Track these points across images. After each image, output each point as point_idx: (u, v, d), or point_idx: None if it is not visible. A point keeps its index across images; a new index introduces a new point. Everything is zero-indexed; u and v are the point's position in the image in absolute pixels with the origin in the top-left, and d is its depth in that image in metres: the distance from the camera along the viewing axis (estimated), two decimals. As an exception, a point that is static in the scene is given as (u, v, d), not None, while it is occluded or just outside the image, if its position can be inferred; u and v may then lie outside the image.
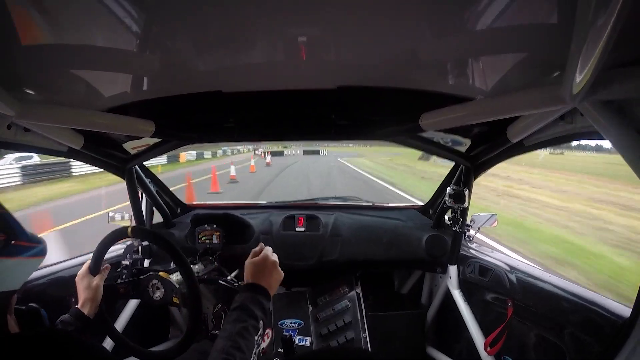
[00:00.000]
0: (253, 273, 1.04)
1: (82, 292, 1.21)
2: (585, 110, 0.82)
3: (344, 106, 1.30)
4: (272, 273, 1.07)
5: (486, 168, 1.74)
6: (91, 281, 1.22)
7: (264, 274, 1.04)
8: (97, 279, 1.24)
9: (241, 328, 0.86)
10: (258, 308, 0.93)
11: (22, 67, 0.89)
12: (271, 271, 1.07)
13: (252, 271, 1.04)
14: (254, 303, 0.93)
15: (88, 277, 1.23)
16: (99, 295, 1.23)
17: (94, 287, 1.22)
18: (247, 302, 0.93)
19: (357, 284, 2.12)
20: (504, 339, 1.58)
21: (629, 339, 0.91)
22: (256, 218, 2.22)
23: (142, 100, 1.18)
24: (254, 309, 0.92)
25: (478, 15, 0.70)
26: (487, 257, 1.85)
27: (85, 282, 1.22)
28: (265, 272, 1.05)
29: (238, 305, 0.92)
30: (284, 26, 0.78)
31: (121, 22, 0.72)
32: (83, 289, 1.21)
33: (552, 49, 0.77)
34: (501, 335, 1.59)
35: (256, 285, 1.00)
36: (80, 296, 1.20)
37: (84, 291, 1.21)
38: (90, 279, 1.22)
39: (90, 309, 1.18)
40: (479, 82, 1.04)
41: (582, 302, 1.28)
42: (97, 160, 1.71)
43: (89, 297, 1.19)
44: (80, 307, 1.17)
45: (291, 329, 1.91)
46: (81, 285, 1.22)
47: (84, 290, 1.21)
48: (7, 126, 1.12)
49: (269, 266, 1.07)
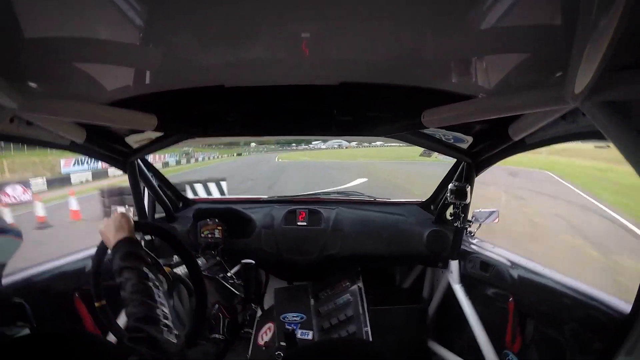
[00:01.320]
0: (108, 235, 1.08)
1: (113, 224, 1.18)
2: (587, 110, 0.81)
3: (346, 102, 1.30)
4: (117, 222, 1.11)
5: (488, 165, 1.74)
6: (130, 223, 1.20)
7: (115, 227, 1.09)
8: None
9: (131, 287, 0.92)
10: (130, 259, 0.99)
11: (25, 60, 0.89)
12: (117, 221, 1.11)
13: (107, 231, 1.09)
14: (125, 259, 0.99)
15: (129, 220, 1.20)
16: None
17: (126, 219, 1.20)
18: (120, 264, 0.98)
19: (358, 278, 2.13)
20: (519, 334, 1.58)
21: (630, 335, 0.92)
22: (258, 212, 2.23)
23: (144, 94, 1.19)
24: (129, 264, 0.97)
25: (482, 14, 0.70)
26: (489, 252, 1.85)
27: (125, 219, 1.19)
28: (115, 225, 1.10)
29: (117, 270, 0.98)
30: (287, 22, 0.78)
31: (124, 16, 0.72)
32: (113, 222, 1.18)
33: (555, 50, 0.77)
34: (515, 331, 1.59)
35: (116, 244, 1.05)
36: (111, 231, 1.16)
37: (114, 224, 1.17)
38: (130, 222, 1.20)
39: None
40: (482, 81, 1.03)
41: (582, 298, 1.28)
42: (100, 154, 1.71)
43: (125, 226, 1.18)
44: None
45: (293, 323, 1.92)
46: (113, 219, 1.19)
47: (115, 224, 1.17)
48: (9, 119, 1.13)
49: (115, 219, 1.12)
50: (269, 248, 2.08)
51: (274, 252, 2.07)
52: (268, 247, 2.08)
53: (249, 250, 2.05)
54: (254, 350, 1.93)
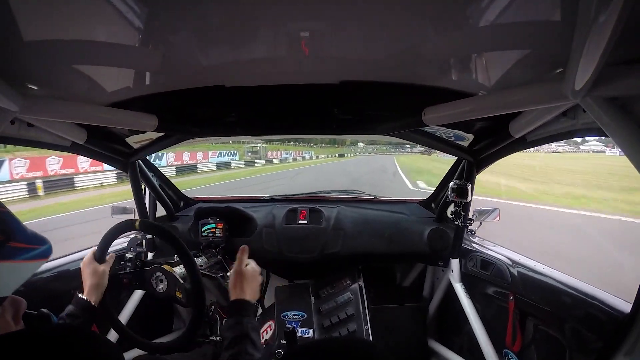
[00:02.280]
0: (237, 286, 1.12)
1: (88, 278, 1.20)
2: (587, 106, 0.81)
3: (346, 101, 1.30)
4: (254, 280, 1.16)
5: (488, 163, 1.74)
6: (97, 268, 1.22)
7: (247, 284, 1.12)
8: (104, 266, 1.24)
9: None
10: (254, 332, 1.01)
11: (25, 63, 0.89)
12: (253, 278, 1.16)
13: (236, 283, 1.12)
14: (250, 327, 1.01)
15: (94, 264, 1.23)
16: (105, 282, 1.23)
17: (100, 273, 1.22)
18: (242, 330, 0.99)
19: (359, 276, 2.14)
20: (519, 333, 1.58)
21: (630, 333, 0.92)
22: (259, 211, 2.23)
23: (145, 95, 1.19)
24: (251, 334, 0.99)
25: (481, 11, 0.70)
26: (489, 251, 1.85)
27: (91, 268, 1.22)
28: (248, 280, 1.13)
29: (234, 337, 0.98)
30: (287, 21, 0.78)
31: (124, 17, 0.72)
32: (89, 275, 1.21)
33: (555, 46, 0.77)
34: (516, 330, 1.59)
35: (244, 302, 1.08)
36: (86, 283, 1.20)
37: (89, 277, 1.20)
38: (96, 266, 1.23)
39: (95, 297, 1.18)
40: (482, 78, 1.03)
41: (583, 297, 1.28)
42: (100, 155, 1.72)
43: (95, 284, 1.19)
44: (85, 296, 1.17)
45: (294, 321, 1.93)
46: (87, 271, 1.22)
47: (90, 276, 1.20)
48: (10, 121, 1.13)
49: (251, 274, 1.16)
50: (270, 247, 2.08)
51: (275, 251, 2.07)
52: (269, 245, 2.08)
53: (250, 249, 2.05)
54: None
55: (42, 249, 0.69)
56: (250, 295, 1.10)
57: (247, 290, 1.10)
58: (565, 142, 9.48)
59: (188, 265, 1.20)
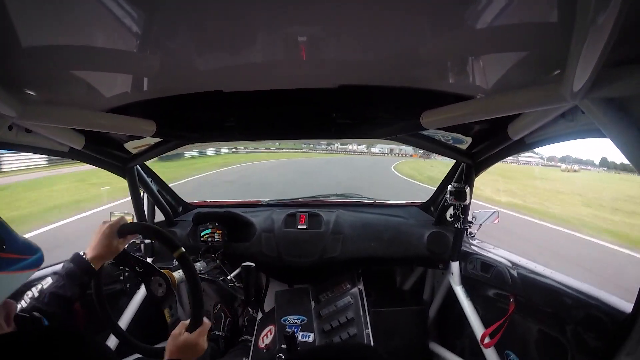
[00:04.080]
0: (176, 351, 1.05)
1: (99, 245, 1.14)
2: (586, 107, 0.81)
3: (344, 105, 1.30)
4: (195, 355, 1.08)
5: (487, 166, 1.74)
6: (114, 241, 1.15)
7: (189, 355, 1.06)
8: (121, 243, 1.18)
9: None
10: None
11: (23, 68, 0.89)
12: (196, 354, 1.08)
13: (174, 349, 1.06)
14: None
15: (113, 237, 1.16)
16: (110, 258, 1.18)
17: (114, 248, 1.16)
18: None
19: (359, 280, 2.13)
20: (501, 333, 1.59)
21: (631, 334, 0.92)
22: (258, 216, 2.23)
23: (143, 100, 1.18)
24: None
25: (479, 13, 0.70)
26: (489, 253, 1.85)
27: (108, 240, 1.14)
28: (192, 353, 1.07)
29: None
30: (284, 26, 0.78)
31: (122, 23, 0.72)
32: (102, 243, 1.14)
33: (553, 47, 0.77)
34: (500, 328, 1.60)
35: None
36: (94, 248, 1.13)
37: (101, 245, 1.13)
38: (114, 239, 1.16)
39: (97, 264, 1.13)
40: (480, 80, 1.04)
41: (583, 298, 1.28)
42: (99, 160, 1.71)
43: (102, 254, 1.14)
44: (88, 252, 1.12)
45: (294, 325, 1.91)
46: (102, 239, 1.14)
47: (102, 244, 1.14)
48: (8, 127, 1.12)
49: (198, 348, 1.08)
50: (269, 251, 2.07)
51: (274, 256, 2.07)
52: (268, 250, 2.07)
53: (249, 254, 2.05)
54: (255, 353, 1.93)
55: (33, 258, 0.68)
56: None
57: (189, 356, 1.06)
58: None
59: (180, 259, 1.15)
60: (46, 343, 0.69)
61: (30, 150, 1.34)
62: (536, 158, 34.88)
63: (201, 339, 1.09)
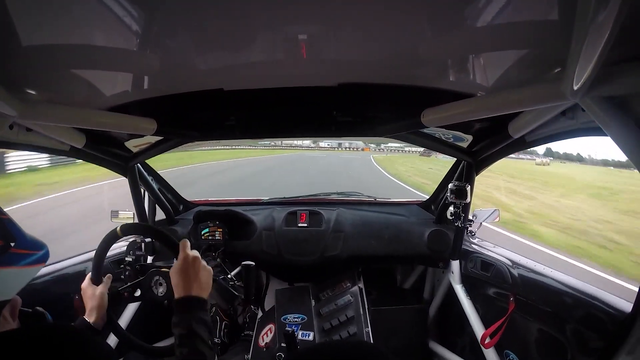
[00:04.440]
0: (180, 282, 1.00)
1: (88, 301, 1.21)
2: (586, 105, 0.81)
3: (345, 103, 1.30)
4: (198, 273, 1.02)
5: (488, 164, 1.74)
6: (95, 290, 1.22)
7: (191, 278, 1.00)
8: (101, 287, 1.23)
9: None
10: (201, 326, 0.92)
11: (24, 67, 0.89)
12: (197, 271, 1.02)
13: (178, 280, 1.00)
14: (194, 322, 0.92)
15: (91, 287, 1.23)
16: (105, 303, 1.23)
17: (98, 295, 1.21)
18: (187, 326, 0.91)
19: (359, 279, 2.14)
20: (502, 332, 1.59)
21: (631, 333, 0.92)
22: (258, 214, 2.23)
23: (143, 99, 1.19)
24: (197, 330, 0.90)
25: (479, 11, 0.70)
26: (489, 252, 1.85)
27: (90, 292, 1.22)
28: (191, 275, 1.01)
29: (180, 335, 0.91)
30: (285, 24, 0.78)
31: (122, 21, 0.72)
32: (89, 298, 1.21)
33: (553, 45, 0.77)
34: (500, 328, 1.60)
35: (188, 299, 0.97)
36: (87, 305, 1.20)
37: (89, 300, 1.21)
38: (94, 289, 1.22)
39: (97, 317, 1.18)
40: (480, 79, 1.03)
41: (583, 297, 1.28)
42: (99, 159, 1.71)
43: (95, 306, 1.19)
44: (87, 317, 1.17)
45: (294, 324, 1.92)
46: (86, 295, 1.22)
47: (90, 299, 1.21)
48: (9, 126, 1.13)
49: (194, 267, 1.02)
50: (269, 250, 2.07)
51: (274, 254, 2.07)
52: (269, 248, 2.08)
53: (249, 252, 2.05)
54: (255, 351, 1.93)
55: (40, 253, 0.71)
56: (197, 290, 0.99)
57: (193, 284, 0.99)
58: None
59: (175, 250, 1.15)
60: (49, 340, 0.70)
61: (31, 149, 1.34)
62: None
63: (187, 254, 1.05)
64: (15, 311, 0.77)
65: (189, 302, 0.97)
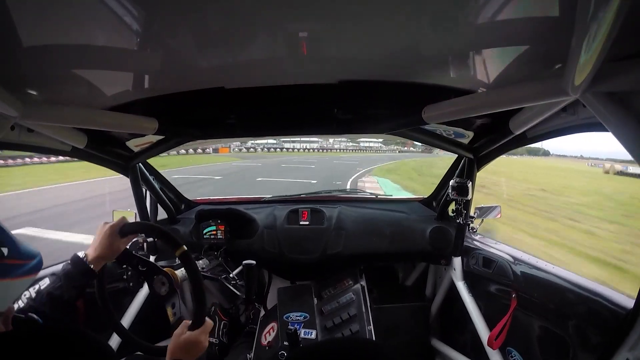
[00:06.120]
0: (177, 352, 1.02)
1: (100, 246, 1.12)
2: (587, 101, 0.81)
3: (345, 100, 1.30)
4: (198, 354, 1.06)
5: (489, 160, 1.74)
6: (115, 241, 1.14)
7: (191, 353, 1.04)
8: (123, 243, 1.17)
9: None
10: None
11: (25, 68, 0.89)
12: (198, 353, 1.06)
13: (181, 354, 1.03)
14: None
15: (114, 237, 1.14)
16: (112, 258, 1.16)
17: (115, 248, 1.14)
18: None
19: (361, 276, 2.14)
20: (506, 332, 1.59)
21: (633, 330, 0.92)
22: (260, 213, 2.23)
23: (144, 98, 1.19)
24: None
25: (479, 8, 0.70)
26: (491, 248, 1.85)
27: (109, 241, 1.13)
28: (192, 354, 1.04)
29: None
30: (285, 22, 0.78)
31: (122, 21, 0.72)
32: (103, 244, 1.12)
33: (554, 41, 0.76)
34: (504, 328, 1.59)
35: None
36: (96, 250, 1.12)
37: (101, 246, 1.12)
38: (115, 239, 1.14)
39: (97, 265, 1.12)
40: (481, 75, 1.03)
41: (585, 294, 1.28)
42: (101, 159, 1.72)
43: (103, 255, 1.12)
44: (89, 262, 1.10)
45: (296, 322, 1.92)
46: (104, 239, 1.13)
47: (105, 247, 1.12)
48: (10, 127, 1.13)
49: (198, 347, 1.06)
50: (271, 248, 2.08)
51: (276, 252, 2.07)
52: (271, 247, 2.08)
53: (251, 251, 2.06)
54: (257, 350, 1.94)
55: (33, 262, 0.69)
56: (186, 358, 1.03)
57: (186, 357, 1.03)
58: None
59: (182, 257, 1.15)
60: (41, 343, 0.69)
61: (33, 150, 1.34)
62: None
63: (203, 336, 1.07)
64: (8, 320, 0.75)
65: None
